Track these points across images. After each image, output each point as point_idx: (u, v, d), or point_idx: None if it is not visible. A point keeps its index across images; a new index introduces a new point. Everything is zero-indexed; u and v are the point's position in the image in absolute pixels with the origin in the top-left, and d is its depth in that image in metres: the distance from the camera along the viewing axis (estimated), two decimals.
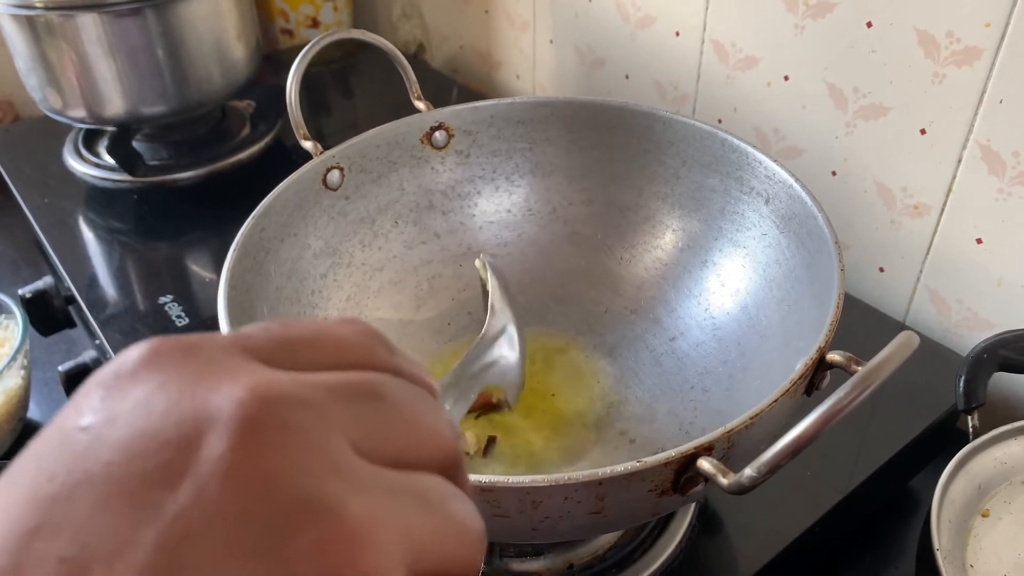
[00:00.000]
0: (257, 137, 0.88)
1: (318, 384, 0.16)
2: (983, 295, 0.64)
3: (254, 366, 0.16)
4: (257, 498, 0.13)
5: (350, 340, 0.18)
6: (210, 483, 0.13)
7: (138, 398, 0.15)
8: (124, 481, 0.14)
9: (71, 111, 0.80)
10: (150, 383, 0.15)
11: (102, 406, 0.15)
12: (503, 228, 0.60)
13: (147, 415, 0.14)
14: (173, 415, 0.14)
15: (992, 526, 0.51)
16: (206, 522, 0.13)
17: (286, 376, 0.15)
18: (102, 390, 0.15)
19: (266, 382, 0.15)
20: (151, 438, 0.14)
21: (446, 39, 1.11)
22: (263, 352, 0.16)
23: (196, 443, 0.14)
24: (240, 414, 0.14)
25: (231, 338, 0.16)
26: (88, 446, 0.14)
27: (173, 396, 0.14)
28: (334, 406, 0.15)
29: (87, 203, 0.84)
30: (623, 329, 0.57)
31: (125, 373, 0.15)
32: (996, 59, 0.56)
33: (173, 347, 0.15)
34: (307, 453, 0.14)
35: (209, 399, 0.14)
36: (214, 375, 0.15)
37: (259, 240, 0.49)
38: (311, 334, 0.17)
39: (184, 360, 0.15)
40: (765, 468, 0.31)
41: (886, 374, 0.30)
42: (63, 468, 0.14)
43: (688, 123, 0.55)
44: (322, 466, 0.14)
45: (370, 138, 0.56)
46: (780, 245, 0.50)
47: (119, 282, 0.73)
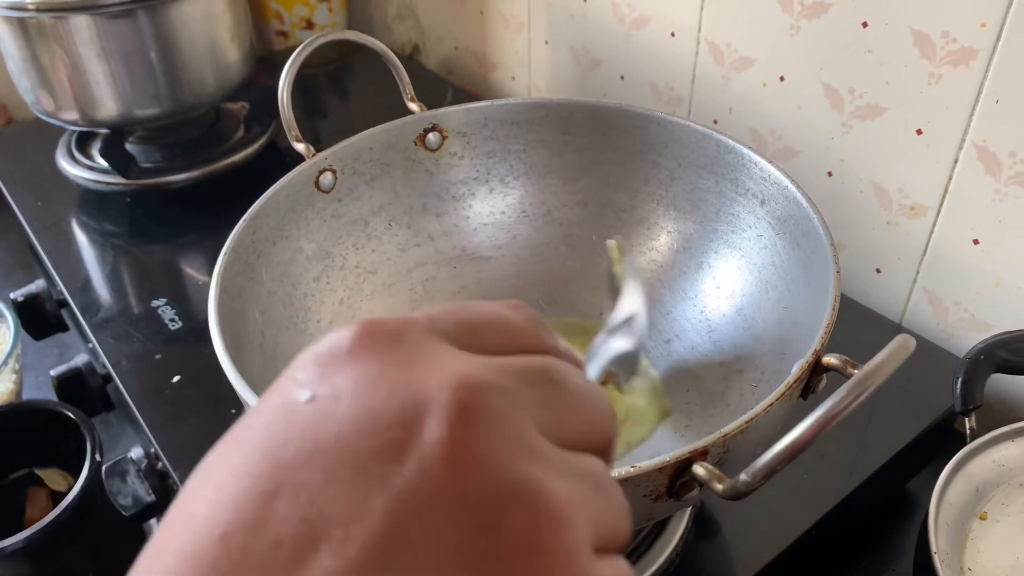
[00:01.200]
0: (251, 139, 0.88)
1: (509, 370, 0.17)
2: (980, 296, 0.64)
3: (453, 351, 0.17)
4: (473, 478, 0.15)
5: (521, 324, 0.19)
6: (433, 463, 0.15)
7: (359, 378, 0.16)
8: (354, 454, 0.15)
9: (64, 113, 0.80)
10: (369, 365, 0.16)
11: (323, 382, 0.16)
12: (497, 230, 0.60)
13: (371, 395, 0.16)
14: (395, 398, 0.16)
15: (990, 529, 0.51)
16: (430, 497, 0.14)
17: (482, 363, 0.17)
18: (319, 367, 0.16)
19: (470, 370, 0.16)
20: (376, 417, 0.15)
21: (441, 40, 1.11)
22: (453, 336, 0.18)
23: (417, 425, 0.15)
24: (454, 400, 0.15)
25: (426, 323, 0.18)
26: (317, 419, 0.15)
27: (392, 379, 0.16)
28: (524, 391, 0.17)
29: (80, 206, 0.83)
30: None
31: (342, 353, 0.16)
32: (992, 59, 0.56)
33: (383, 331, 0.17)
34: (510, 438, 0.16)
35: (425, 384, 0.16)
36: (424, 361, 0.16)
37: (251, 243, 0.49)
38: (489, 318, 0.19)
39: (395, 345, 0.17)
40: (760, 474, 0.30)
41: (883, 378, 0.30)
42: (295, 437, 0.15)
43: (683, 124, 0.54)
44: (523, 450, 0.16)
45: (363, 140, 0.56)
46: (776, 247, 0.50)
47: (112, 285, 0.72)
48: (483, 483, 0.15)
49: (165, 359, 0.62)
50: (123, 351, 0.64)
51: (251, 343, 0.46)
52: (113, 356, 0.63)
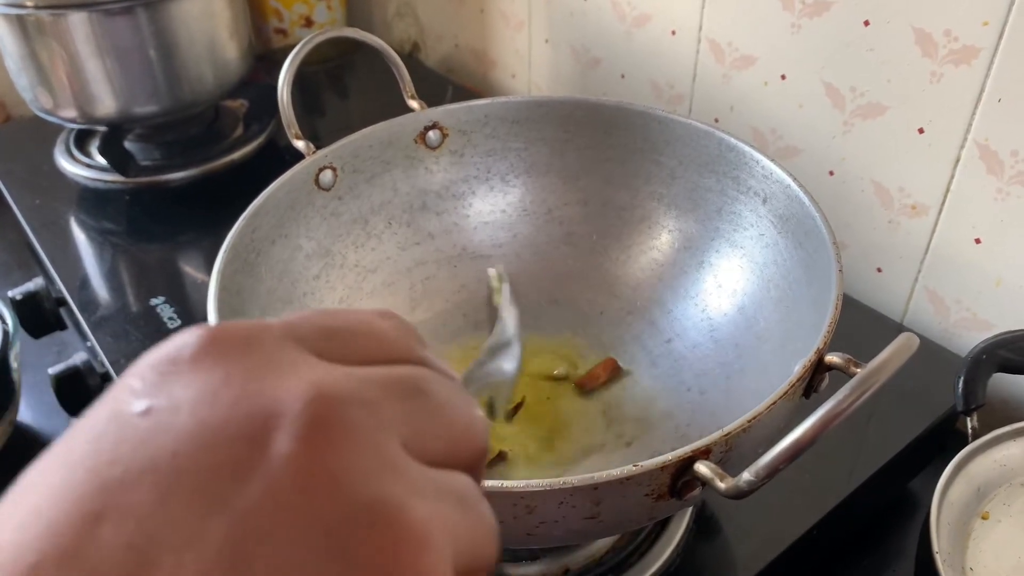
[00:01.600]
0: (250, 137, 0.87)
1: (371, 380, 0.16)
2: (982, 295, 0.63)
3: (311, 360, 0.16)
4: (325, 498, 0.14)
5: (389, 333, 0.18)
6: (280, 480, 0.13)
7: (202, 388, 0.14)
8: (192, 473, 0.13)
9: (62, 111, 0.80)
10: (213, 373, 0.15)
11: (161, 391, 0.15)
12: (498, 229, 0.60)
13: (213, 407, 0.14)
14: (240, 409, 0.14)
15: (991, 528, 0.50)
16: (276, 518, 0.13)
17: (342, 373, 0.16)
18: (157, 374, 0.15)
19: (328, 380, 0.15)
20: (218, 431, 0.14)
21: (441, 38, 1.11)
22: (312, 343, 0.16)
23: (264, 439, 0.14)
24: (306, 412, 0.14)
25: (283, 328, 0.16)
26: (151, 433, 0.14)
27: (238, 389, 0.14)
28: (386, 403, 0.16)
29: (79, 204, 0.83)
30: (619, 331, 0.56)
31: (184, 359, 0.15)
32: (994, 58, 0.56)
33: (232, 336, 0.15)
34: (368, 454, 0.14)
35: (275, 395, 0.14)
36: (276, 370, 0.15)
37: (250, 241, 0.49)
38: (354, 325, 0.18)
39: (245, 351, 0.15)
40: (763, 472, 0.30)
41: (886, 376, 0.30)
42: (126, 453, 0.14)
43: (684, 122, 0.54)
44: (382, 467, 0.15)
45: (363, 138, 0.55)
46: (778, 245, 0.49)
47: (111, 284, 0.72)
48: (335, 503, 0.14)
49: None
50: (122, 350, 0.63)
51: None
52: (112, 355, 0.63)
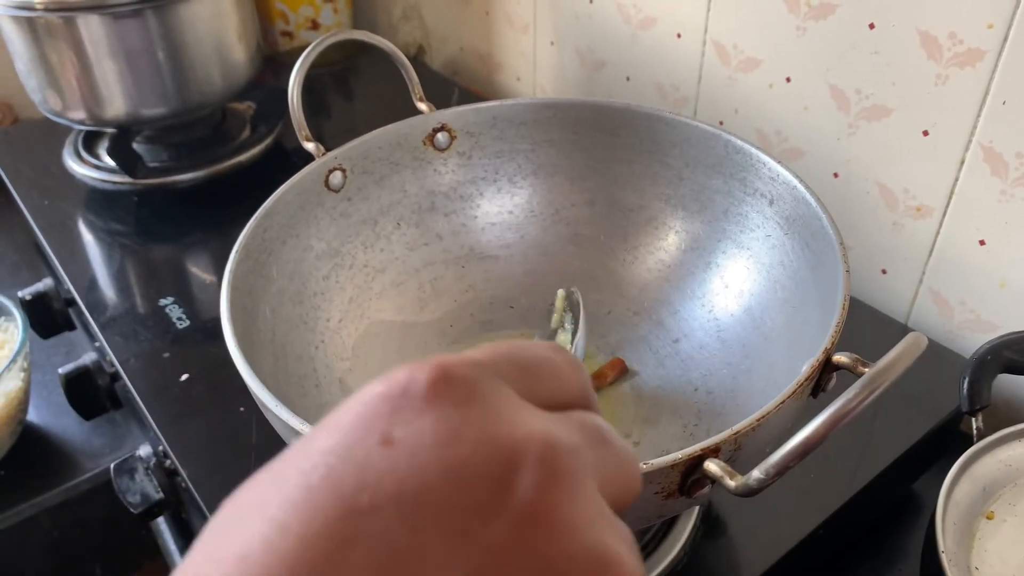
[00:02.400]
0: (257, 139, 0.88)
1: (575, 428, 0.17)
2: (986, 297, 0.64)
3: (527, 407, 0.17)
4: (560, 541, 0.15)
5: (567, 370, 0.19)
6: (522, 523, 0.14)
7: (441, 427, 0.15)
8: (440, 506, 0.14)
9: (71, 113, 0.80)
10: (451, 414, 0.15)
11: (399, 425, 0.15)
12: (505, 230, 0.60)
13: (456, 447, 0.15)
14: (482, 451, 0.15)
15: (997, 528, 0.51)
16: (518, 556, 0.14)
17: (555, 420, 0.17)
18: (392, 408, 0.15)
19: (551, 429, 0.16)
20: (464, 470, 0.15)
21: (446, 41, 1.11)
22: (513, 380, 0.17)
23: (507, 482, 0.15)
24: (542, 461, 0.15)
25: (492, 366, 0.17)
26: (396, 464, 0.15)
27: (477, 431, 0.15)
28: (587, 451, 0.17)
29: (87, 205, 0.84)
30: (626, 331, 0.56)
31: (416, 395, 0.16)
32: (999, 60, 0.56)
33: (459, 378, 0.16)
34: (588, 502, 0.16)
35: (512, 441, 0.15)
36: (504, 415, 0.16)
37: (261, 242, 0.49)
38: (540, 362, 0.18)
39: (473, 394, 0.16)
40: (773, 470, 0.30)
41: (895, 376, 0.30)
42: (371, 482, 0.14)
43: (691, 124, 0.55)
44: (598, 515, 0.16)
45: (372, 139, 0.56)
46: (784, 247, 0.50)
47: (119, 284, 0.73)
48: (569, 547, 0.15)
49: (173, 357, 0.63)
50: (131, 349, 0.64)
51: (262, 340, 0.46)
52: (121, 354, 0.63)
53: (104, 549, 0.71)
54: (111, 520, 0.66)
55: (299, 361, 0.49)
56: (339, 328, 0.53)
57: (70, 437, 0.71)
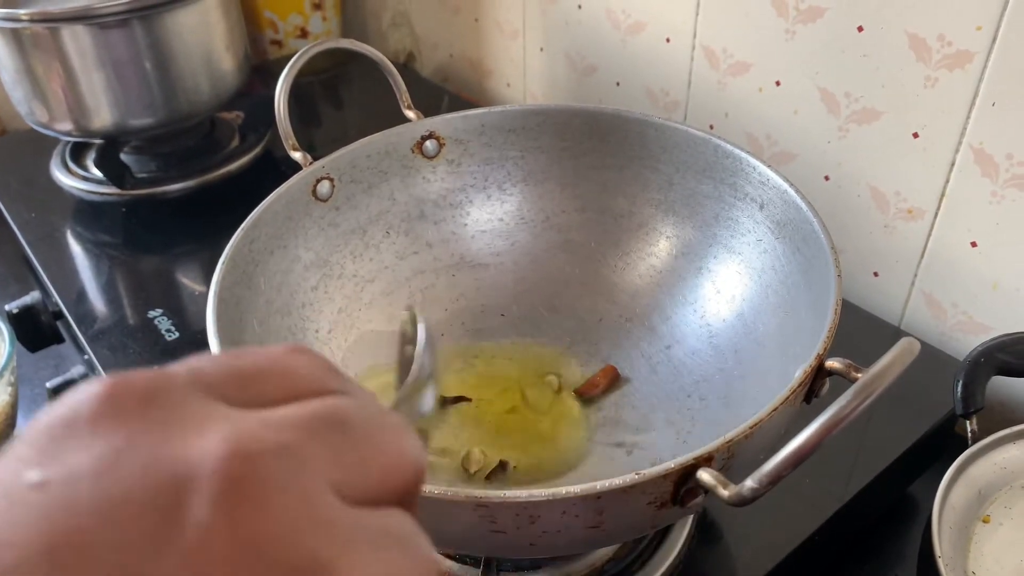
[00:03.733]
0: (246, 148, 0.88)
1: (289, 423, 0.15)
2: (979, 298, 0.64)
3: (221, 410, 0.15)
4: (249, 567, 0.13)
5: (301, 368, 0.17)
6: (199, 554, 0.12)
7: (103, 455, 0.13)
8: (100, 551, 0.12)
9: (58, 124, 0.80)
10: (115, 436, 0.13)
11: (56, 460, 0.13)
12: (496, 237, 0.60)
13: (117, 475, 0.13)
14: (148, 476, 0.13)
15: (993, 532, 0.50)
16: None
17: (257, 420, 0.14)
18: (50, 440, 0.14)
19: (243, 432, 0.14)
20: (127, 502, 0.13)
21: (436, 48, 1.11)
22: (220, 388, 0.15)
23: (177, 509, 0.13)
24: (221, 474, 0.13)
25: (187, 375, 0.15)
26: (48, 509, 0.13)
27: (144, 453, 0.13)
28: (308, 445, 0.15)
29: (75, 217, 0.83)
30: (618, 338, 0.56)
31: (80, 421, 0.14)
32: (988, 62, 0.56)
33: (131, 391, 0.14)
34: (293, 509, 0.13)
35: (185, 456, 0.13)
36: (183, 426, 0.14)
37: (248, 253, 0.48)
38: (262, 364, 0.16)
39: (147, 407, 0.14)
40: (766, 479, 0.30)
41: (888, 382, 0.30)
42: (20, 535, 0.12)
43: (681, 129, 0.54)
44: (309, 522, 0.13)
45: (360, 148, 0.55)
46: (776, 251, 0.50)
47: (108, 296, 0.72)
48: (260, 569, 0.13)
49: None
50: (120, 362, 0.63)
51: None
52: (110, 367, 0.62)
53: None
54: None
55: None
56: (328, 339, 0.53)
57: None
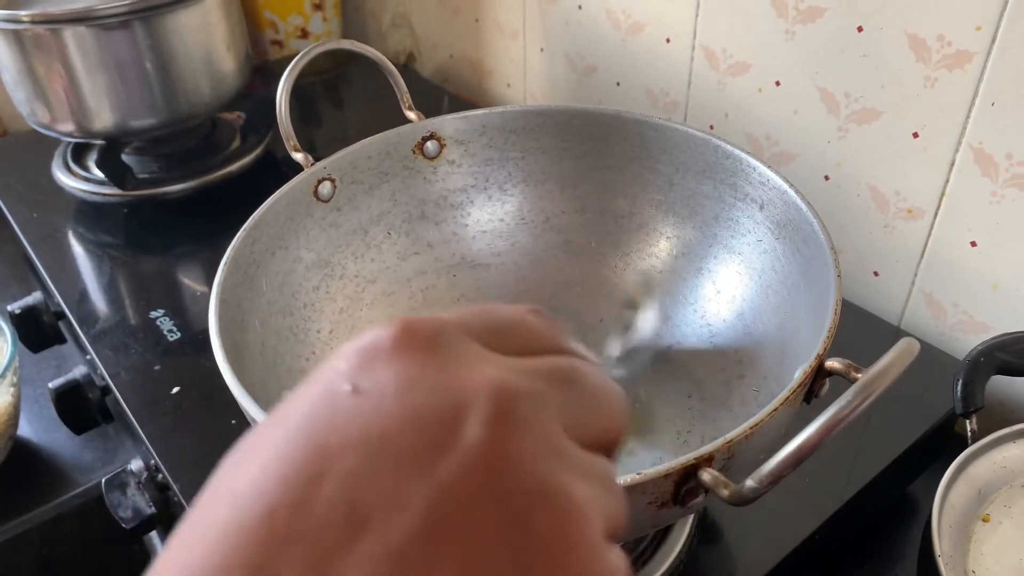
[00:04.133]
0: (247, 149, 0.88)
1: (537, 373, 0.18)
2: (978, 298, 0.64)
3: (487, 355, 0.18)
4: (507, 477, 0.16)
5: (541, 328, 0.20)
6: (472, 461, 0.16)
7: (402, 376, 0.17)
8: (398, 448, 0.16)
9: (59, 125, 0.80)
10: (410, 364, 0.17)
11: (366, 375, 0.17)
12: (496, 238, 0.60)
13: (413, 394, 0.17)
14: (435, 398, 0.17)
15: (993, 531, 0.51)
16: (467, 492, 0.15)
17: (513, 367, 0.18)
18: (361, 360, 0.17)
19: (505, 375, 0.17)
20: (418, 415, 0.16)
21: (436, 48, 1.11)
22: (482, 336, 0.19)
23: (458, 425, 0.16)
24: (491, 405, 0.16)
25: (459, 324, 0.19)
26: (361, 409, 0.16)
27: (433, 379, 0.17)
28: (550, 394, 0.18)
29: (76, 217, 0.83)
30: (618, 338, 0.56)
31: (383, 349, 0.17)
32: (987, 62, 0.56)
33: (423, 332, 0.18)
34: (540, 441, 0.17)
35: (464, 386, 0.17)
36: (460, 363, 0.17)
37: (250, 254, 0.49)
38: (514, 322, 0.20)
39: (434, 346, 0.18)
40: (767, 479, 0.30)
41: (888, 382, 0.30)
42: (340, 425, 0.16)
43: (681, 130, 0.54)
44: (551, 453, 0.17)
45: (361, 149, 0.56)
46: (776, 251, 0.50)
47: (110, 297, 0.72)
48: (516, 483, 0.16)
49: (164, 370, 0.62)
50: (122, 363, 0.63)
51: (252, 353, 0.46)
52: (112, 368, 0.63)
53: (96, 565, 0.70)
54: (103, 535, 0.65)
55: (290, 373, 0.49)
56: (330, 339, 0.53)
57: (61, 452, 0.70)
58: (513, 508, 0.16)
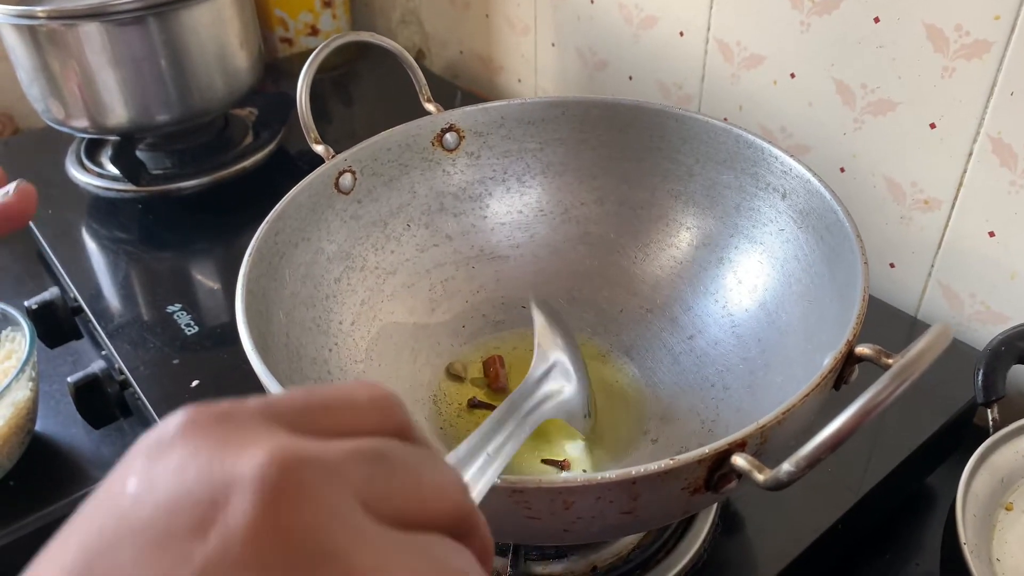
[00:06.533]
0: (260, 145, 0.88)
1: (334, 448, 0.17)
2: (996, 288, 0.64)
3: (277, 432, 0.18)
4: (274, 550, 0.15)
5: (365, 404, 0.19)
6: (234, 536, 0.15)
7: (174, 464, 0.17)
8: (161, 535, 0.16)
9: (74, 121, 0.80)
10: (185, 450, 0.17)
11: (144, 472, 0.17)
12: (515, 229, 0.60)
13: (181, 479, 0.16)
14: (204, 478, 0.16)
15: (1016, 519, 0.51)
16: (230, 570, 0.15)
17: (304, 441, 0.17)
18: (144, 457, 0.17)
19: (285, 447, 0.17)
20: (184, 498, 0.16)
21: (445, 45, 1.11)
22: (286, 418, 0.18)
23: (223, 502, 0.16)
24: (260, 476, 0.16)
25: (260, 405, 0.18)
26: (131, 506, 0.16)
27: (203, 462, 0.17)
28: (348, 468, 0.17)
29: (90, 213, 0.83)
30: (639, 329, 0.56)
31: (165, 441, 0.17)
32: (1006, 52, 0.56)
33: (207, 416, 0.18)
34: (320, 510, 0.16)
35: (236, 463, 0.16)
36: (240, 442, 0.17)
37: (274, 245, 0.49)
38: (329, 399, 0.19)
39: (215, 428, 0.17)
40: (804, 462, 0.30)
41: (924, 366, 0.30)
42: (110, 525, 0.16)
43: (701, 120, 0.54)
44: (333, 521, 0.16)
45: (381, 141, 0.56)
46: (798, 240, 0.50)
47: (126, 292, 0.72)
48: (284, 553, 0.15)
49: (183, 364, 0.62)
50: (140, 357, 0.63)
51: (276, 344, 0.46)
52: (131, 362, 0.63)
53: None
54: None
55: (313, 364, 0.49)
56: (352, 331, 0.53)
57: (79, 447, 0.70)
58: (287, 570, 0.15)
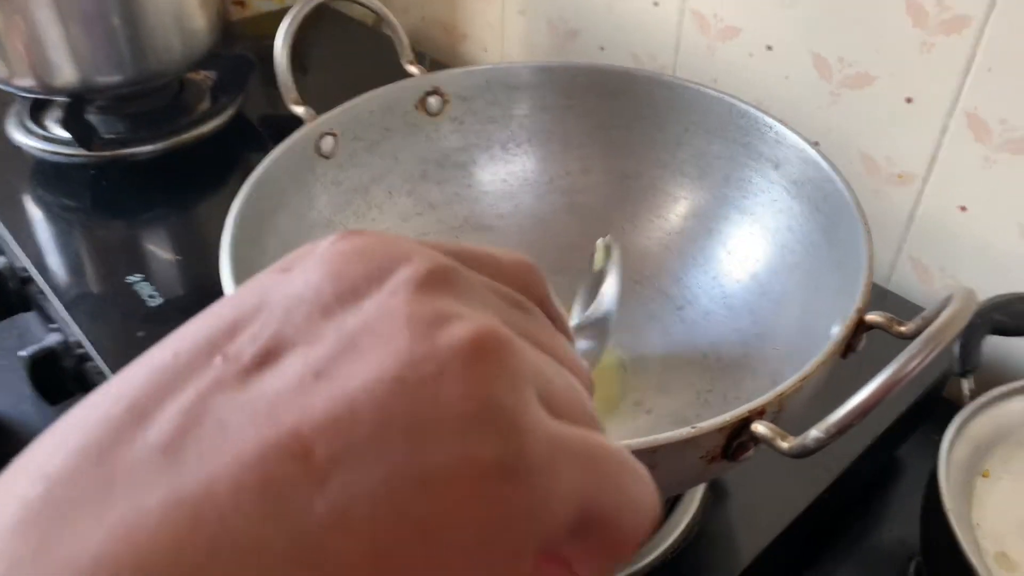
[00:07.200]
0: (218, 110, 0.84)
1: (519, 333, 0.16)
2: (965, 262, 0.65)
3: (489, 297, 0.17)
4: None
5: (509, 269, 0.19)
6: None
7: (332, 251, 0.16)
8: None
9: (18, 80, 0.75)
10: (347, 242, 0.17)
11: (298, 260, 0.17)
12: (500, 198, 0.59)
13: (343, 258, 0.16)
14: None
15: (993, 485, 0.52)
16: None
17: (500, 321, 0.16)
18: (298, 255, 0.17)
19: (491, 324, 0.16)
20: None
21: (406, 11, 1.08)
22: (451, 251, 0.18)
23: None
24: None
25: (432, 244, 0.18)
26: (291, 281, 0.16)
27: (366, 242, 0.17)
28: (528, 355, 0.16)
29: (36, 179, 0.79)
30: (628, 300, 0.55)
31: (321, 245, 0.17)
32: (985, 27, 0.57)
33: (369, 234, 0.17)
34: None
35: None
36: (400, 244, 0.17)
37: (255, 211, 0.46)
38: (479, 253, 0.19)
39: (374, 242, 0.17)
40: (834, 428, 0.30)
41: (953, 334, 0.30)
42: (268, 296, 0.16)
43: (693, 88, 0.54)
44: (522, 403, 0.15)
45: (363, 103, 0.53)
46: (792, 211, 0.50)
47: (81, 262, 0.69)
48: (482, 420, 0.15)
49: (149, 337, 0.59)
50: (101, 330, 0.60)
51: None
52: (92, 335, 0.59)
53: None
54: None
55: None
56: None
57: (32, 424, 0.67)
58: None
